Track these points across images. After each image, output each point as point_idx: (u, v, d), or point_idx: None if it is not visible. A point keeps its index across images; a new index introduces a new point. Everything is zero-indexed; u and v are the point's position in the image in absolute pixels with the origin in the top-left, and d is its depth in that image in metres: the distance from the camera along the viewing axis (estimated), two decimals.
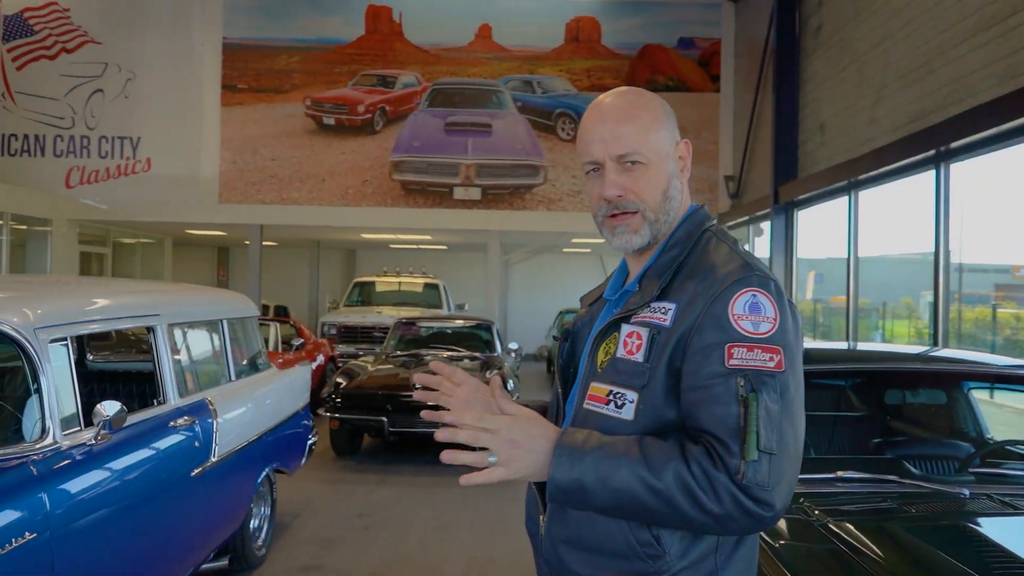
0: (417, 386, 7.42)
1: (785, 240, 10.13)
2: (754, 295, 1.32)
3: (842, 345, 6.42)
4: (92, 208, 13.50)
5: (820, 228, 10.01)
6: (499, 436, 1.31)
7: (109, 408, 2.90)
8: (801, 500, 2.68)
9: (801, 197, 9.62)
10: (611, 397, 1.39)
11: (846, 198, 8.47)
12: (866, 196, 8.31)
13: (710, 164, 13.52)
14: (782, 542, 2.47)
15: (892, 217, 8.31)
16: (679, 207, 1.50)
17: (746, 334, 1.29)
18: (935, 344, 6.50)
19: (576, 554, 1.41)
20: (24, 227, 13.06)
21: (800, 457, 1.31)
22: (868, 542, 2.34)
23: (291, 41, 13.69)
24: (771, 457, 1.24)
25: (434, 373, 1.51)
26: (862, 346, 5.92)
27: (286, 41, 13.69)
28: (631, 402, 1.36)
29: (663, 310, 1.38)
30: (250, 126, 13.59)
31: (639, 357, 1.37)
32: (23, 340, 2.74)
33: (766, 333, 1.30)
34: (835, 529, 2.44)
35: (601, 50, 13.68)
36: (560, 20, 13.70)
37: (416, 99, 13.57)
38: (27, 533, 2.43)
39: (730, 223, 12.90)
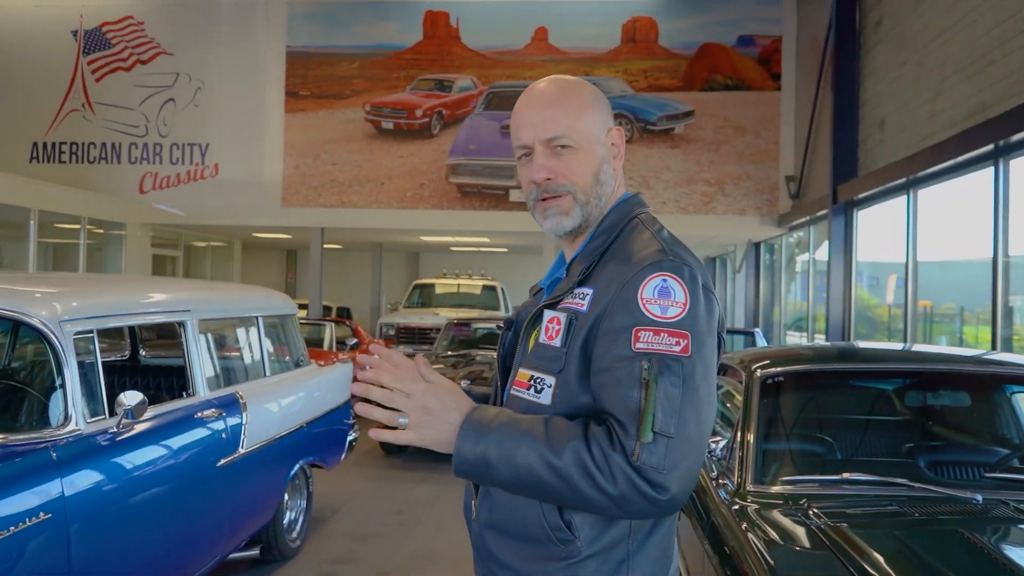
0: (463, 384, 7.47)
1: (844, 240, 9.83)
2: (664, 280, 1.32)
3: (891, 346, 6.20)
4: (164, 212, 14.06)
5: (884, 229, 9.67)
6: (413, 400, 1.32)
7: (131, 398, 3.03)
8: (802, 501, 2.62)
9: (860, 196, 9.33)
10: (532, 382, 1.41)
11: (904, 197, 8.18)
12: (930, 195, 8.00)
13: (770, 164, 13.22)
14: (775, 543, 2.41)
15: (961, 217, 7.95)
16: (611, 193, 1.51)
17: (653, 318, 1.29)
18: (993, 348, 6.22)
19: (496, 538, 1.44)
20: (101, 231, 13.70)
21: (704, 444, 1.30)
22: (863, 547, 2.26)
23: (351, 48, 13.99)
24: (668, 440, 1.24)
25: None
26: (916, 347, 5.69)
27: (346, 48, 14.00)
28: (549, 387, 1.38)
29: (582, 295, 1.40)
30: (312, 131, 13.95)
31: (557, 342, 1.39)
32: (48, 332, 2.89)
33: (674, 318, 1.30)
34: (831, 533, 2.37)
35: (658, 50, 13.55)
36: (616, 21, 13.62)
37: (472, 102, 13.69)
38: (42, 514, 2.57)
39: (791, 223, 12.59)
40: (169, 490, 3.34)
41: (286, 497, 4.74)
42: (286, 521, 4.80)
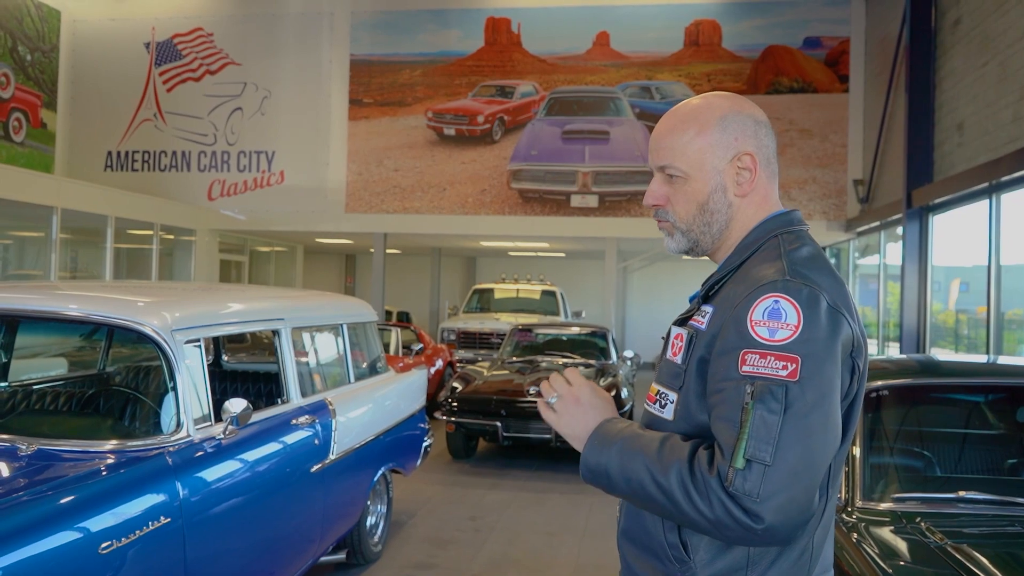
0: (531, 390, 7.52)
1: (919, 247, 9.58)
2: (776, 301, 1.30)
3: (977, 359, 6.03)
4: (231, 219, 14.41)
5: (961, 234, 9.41)
6: (571, 389, 1.48)
7: (236, 405, 3.11)
8: (918, 520, 2.56)
9: (937, 201, 9.08)
10: (658, 397, 1.46)
11: (986, 201, 7.93)
12: (1012, 200, 7.75)
13: (838, 168, 12.96)
14: (895, 564, 2.36)
15: None
16: (727, 220, 1.48)
17: (761, 340, 1.28)
18: None
19: (628, 546, 1.49)
20: (171, 236, 14.10)
21: (813, 473, 1.25)
22: (990, 568, 2.20)
23: (413, 55, 14.16)
24: (765, 468, 1.22)
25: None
26: (1001, 360, 5.51)
27: (409, 56, 14.17)
28: (671, 402, 1.42)
29: (703, 313, 1.42)
30: (375, 138, 14.14)
31: (678, 359, 1.43)
32: (161, 341, 2.98)
33: (782, 340, 1.27)
34: (954, 553, 2.31)
35: (722, 53, 13.40)
36: (679, 24, 13.51)
37: (534, 108, 13.72)
38: (162, 517, 2.65)
39: (860, 228, 12.33)
40: (269, 495, 3.42)
41: (368, 502, 4.81)
42: (368, 525, 4.87)
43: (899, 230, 10.07)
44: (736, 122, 1.47)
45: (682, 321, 1.48)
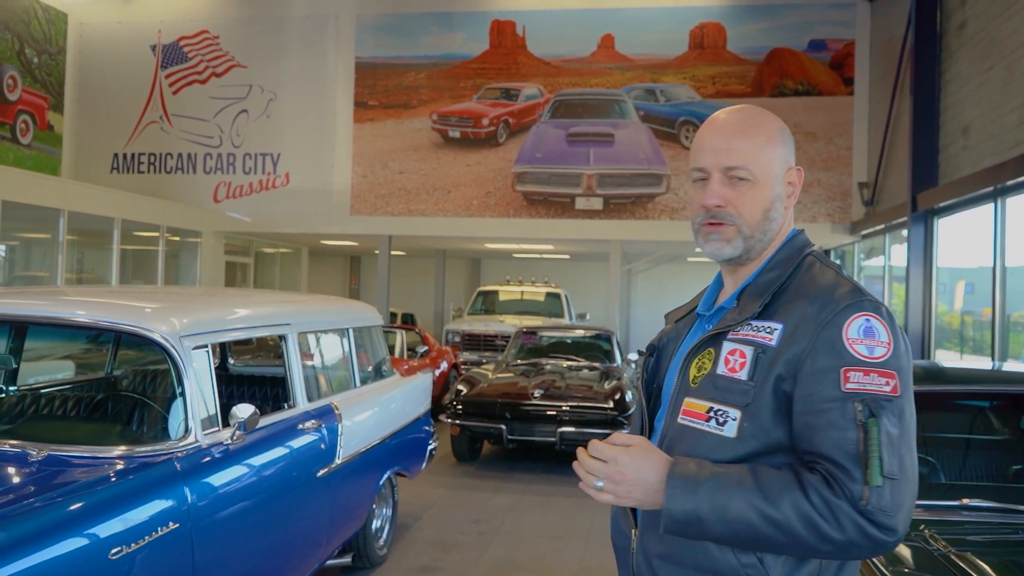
0: (536, 393, 7.55)
1: (924, 249, 9.58)
2: (867, 320, 1.33)
3: (982, 365, 6.03)
4: (237, 221, 14.45)
5: (966, 236, 9.40)
6: (608, 467, 1.37)
7: (243, 411, 3.13)
8: (921, 527, 2.57)
9: (942, 204, 9.08)
10: (712, 414, 1.40)
11: (991, 205, 7.93)
12: (1017, 203, 7.75)
13: (843, 170, 12.96)
14: (899, 571, 2.37)
15: None
16: (779, 229, 1.51)
17: (861, 358, 1.31)
18: None
19: (673, 569, 1.43)
20: (177, 239, 14.16)
21: (918, 479, 1.31)
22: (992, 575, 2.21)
23: (418, 58, 14.20)
24: (893, 482, 1.25)
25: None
26: (1006, 367, 5.52)
27: (414, 58, 14.21)
28: (734, 420, 1.38)
29: (768, 329, 1.39)
30: (380, 141, 14.18)
31: (742, 375, 1.39)
32: (169, 347, 3.00)
33: (881, 357, 1.31)
34: (957, 561, 2.32)
35: (726, 56, 13.40)
36: (684, 27, 13.52)
37: (539, 111, 13.74)
38: (171, 523, 2.67)
39: (865, 231, 12.32)
40: (276, 500, 3.44)
41: (373, 506, 4.82)
42: (373, 529, 4.88)
43: (904, 232, 10.07)
44: (788, 137, 1.53)
45: (723, 334, 1.44)
